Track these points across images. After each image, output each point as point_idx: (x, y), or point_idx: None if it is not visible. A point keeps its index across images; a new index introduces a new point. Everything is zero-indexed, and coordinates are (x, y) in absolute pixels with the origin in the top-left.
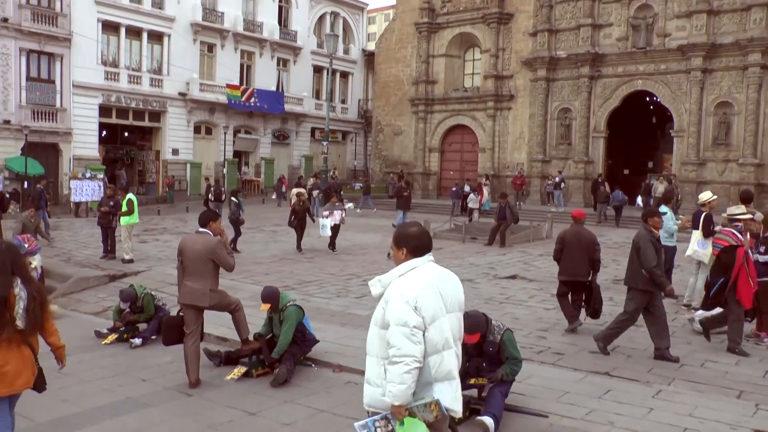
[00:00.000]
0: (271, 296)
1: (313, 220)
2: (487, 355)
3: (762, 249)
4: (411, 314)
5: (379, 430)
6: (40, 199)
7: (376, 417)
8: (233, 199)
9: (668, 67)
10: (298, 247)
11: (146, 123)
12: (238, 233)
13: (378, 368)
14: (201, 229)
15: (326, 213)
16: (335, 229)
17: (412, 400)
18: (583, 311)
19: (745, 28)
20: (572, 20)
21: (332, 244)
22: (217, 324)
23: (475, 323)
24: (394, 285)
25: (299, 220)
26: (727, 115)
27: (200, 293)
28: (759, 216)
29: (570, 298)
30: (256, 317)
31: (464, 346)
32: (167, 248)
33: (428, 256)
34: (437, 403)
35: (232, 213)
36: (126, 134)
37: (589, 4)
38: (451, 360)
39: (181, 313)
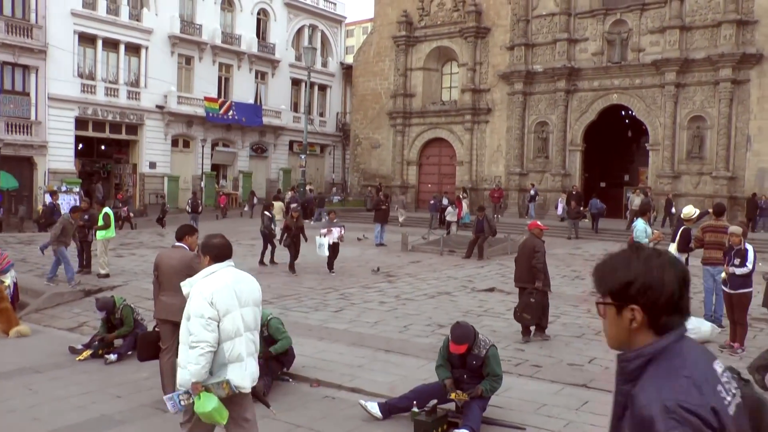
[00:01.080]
0: None
1: (305, 239)
2: (469, 367)
3: (737, 261)
4: (207, 308)
5: (182, 401)
6: (53, 214)
7: (180, 391)
8: (266, 213)
9: (643, 82)
10: (291, 267)
11: (123, 136)
12: (272, 246)
13: (185, 354)
14: (177, 244)
15: (323, 231)
16: (334, 248)
17: (208, 378)
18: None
19: (716, 44)
20: (548, 35)
21: (330, 265)
22: None
23: (464, 334)
24: (197, 285)
25: (293, 238)
26: (700, 129)
27: (176, 308)
28: (736, 229)
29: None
30: None
31: (449, 355)
32: (144, 262)
33: (228, 262)
34: (228, 382)
35: (265, 227)
36: (103, 147)
37: (565, 19)
38: (241, 346)
39: (156, 329)
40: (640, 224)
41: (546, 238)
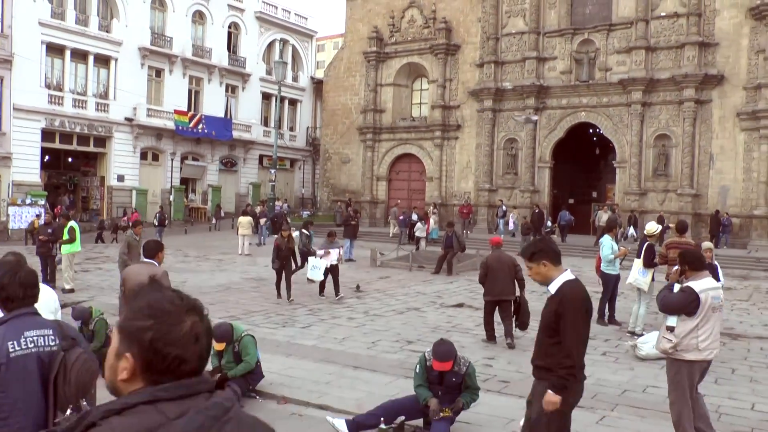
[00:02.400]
0: (225, 334)
1: (296, 264)
2: (447, 384)
3: None
4: None
5: None
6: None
7: None
8: (304, 231)
9: (610, 100)
10: (278, 292)
11: (91, 148)
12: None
13: None
14: (146, 260)
15: (320, 252)
16: (334, 270)
17: None
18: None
19: (680, 65)
20: (518, 53)
21: (336, 288)
22: None
23: (448, 351)
24: None
25: (282, 260)
26: (665, 147)
27: None
28: (708, 245)
29: (500, 315)
30: None
31: (429, 372)
32: (110, 277)
33: None
34: None
35: (304, 245)
36: (70, 159)
37: (534, 38)
38: None
39: None
40: (606, 240)
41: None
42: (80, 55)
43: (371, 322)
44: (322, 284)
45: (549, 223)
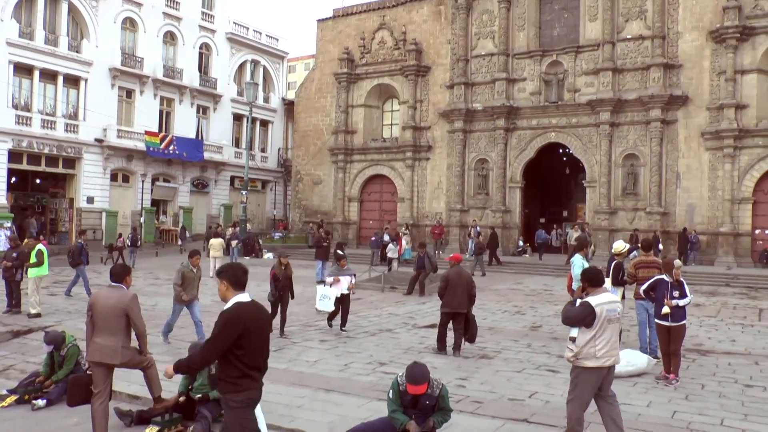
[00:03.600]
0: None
1: (292, 295)
2: (421, 407)
3: (676, 294)
4: None
5: None
6: (80, 255)
7: None
8: (339, 252)
9: (579, 121)
10: (282, 329)
11: (60, 170)
12: None
13: None
14: (114, 284)
15: (330, 279)
16: (345, 301)
17: None
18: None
19: (646, 86)
20: (488, 74)
21: (344, 321)
22: (129, 381)
23: (423, 374)
24: None
25: (281, 291)
26: (634, 167)
27: (111, 350)
28: (678, 263)
29: (453, 327)
30: None
31: (403, 397)
32: (78, 301)
33: None
34: None
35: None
36: (38, 181)
37: (503, 59)
38: None
39: (88, 371)
40: (577, 259)
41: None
42: (49, 75)
43: (343, 345)
44: (332, 315)
45: (521, 243)
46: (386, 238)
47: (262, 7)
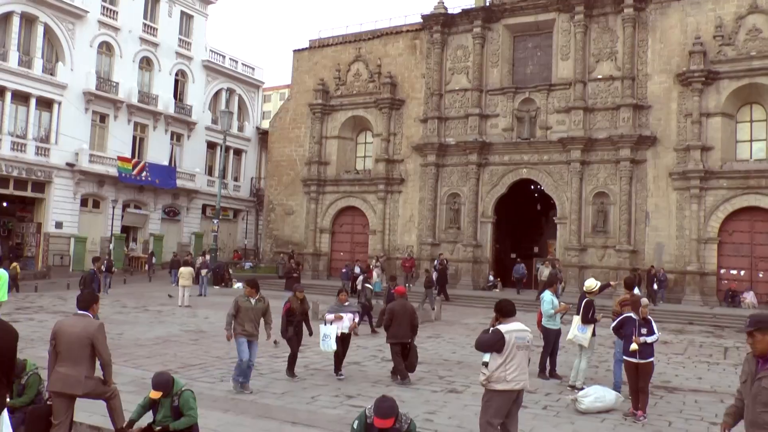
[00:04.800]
0: (164, 384)
1: (310, 331)
2: None
3: (644, 331)
4: None
5: None
6: (92, 282)
7: None
8: (367, 285)
9: (550, 158)
10: (290, 368)
11: (29, 193)
12: (369, 317)
13: None
14: (81, 312)
15: (330, 317)
16: (345, 341)
17: None
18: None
19: (616, 126)
20: (461, 109)
21: (338, 364)
22: (90, 412)
23: (391, 407)
24: None
25: (296, 327)
26: (604, 205)
27: (74, 380)
28: (645, 301)
29: (392, 353)
30: (134, 404)
31: (370, 429)
32: (42, 329)
33: None
34: None
35: (367, 299)
36: (5, 204)
37: (476, 95)
38: None
39: (49, 402)
40: (547, 296)
41: (456, 307)
42: (22, 97)
43: (311, 377)
44: (339, 357)
45: (491, 278)
46: (357, 270)
47: (239, 35)
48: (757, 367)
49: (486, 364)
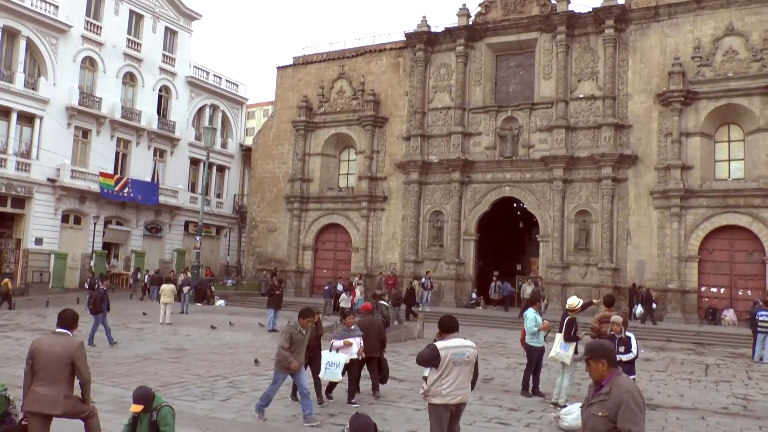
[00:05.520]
0: (145, 397)
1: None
2: None
3: (622, 349)
4: None
5: None
6: (102, 302)
7: None
8: (382, 302)
9: (533, 176)
10: (318, 395)
11: (8, 209)
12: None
13: None
14: (60, 330)
15: (337, 343)
16: (353, 367)
17: None
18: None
19: (598, 145)
20: (444, 127)
21: (352, 393)
22: None
23: (366, 424)
24: None
25: (311, 353)
26: (586, 223)
27: (52, 399)
28: (617, 318)
29: (368, 369)
30: (112, 423)
31: None
32: (19, 346)
33: None
34: None
35: (384, 317)
36: None
37: (459, 113)
38: None
39: (24, 422)
40: (530, 313)
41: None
42: (2, 112)
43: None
44: (333, 385)
45: (474, 295)
46: (339, 287)
47: (223, 52)
48: (592, 393)
49: (425, 379)
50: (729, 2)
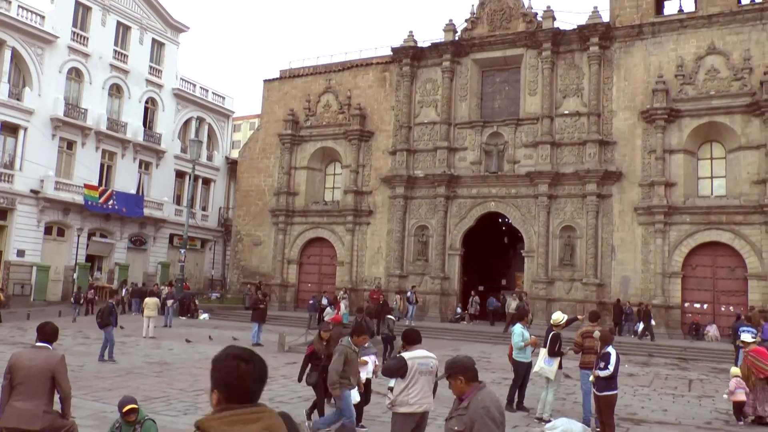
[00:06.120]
0: (132, 399)
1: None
2: None
3: (602, 365)
4: None
5: None
6: (110, 315)
7: None
8: (390, 317)
9: (518, 192)
10: (311, 410)
11: None
12: (392, 349)
13: None
14: (41, 344)
15: None
16: (367, 388)
17: None
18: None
19: (583, 161)
20: (429, 142)
21: (360, 415)
22: None
23: None
24: None
25: (321, 371)
26: (571, 238)
27: (31, 414)
28: (596, 334)
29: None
30: None
31: None
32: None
33: None
34: None
35: (390, 330)
36: None
37: (445, 128)
38: None
39: None
40: (517, 329)
41: (424, 339)
42: None
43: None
44: (359, 409)
45: (459, 310)
46: (324, 301)
47: (210, 64)
48: (454, 407)
49: (391, 389)
50: (711, 22)
